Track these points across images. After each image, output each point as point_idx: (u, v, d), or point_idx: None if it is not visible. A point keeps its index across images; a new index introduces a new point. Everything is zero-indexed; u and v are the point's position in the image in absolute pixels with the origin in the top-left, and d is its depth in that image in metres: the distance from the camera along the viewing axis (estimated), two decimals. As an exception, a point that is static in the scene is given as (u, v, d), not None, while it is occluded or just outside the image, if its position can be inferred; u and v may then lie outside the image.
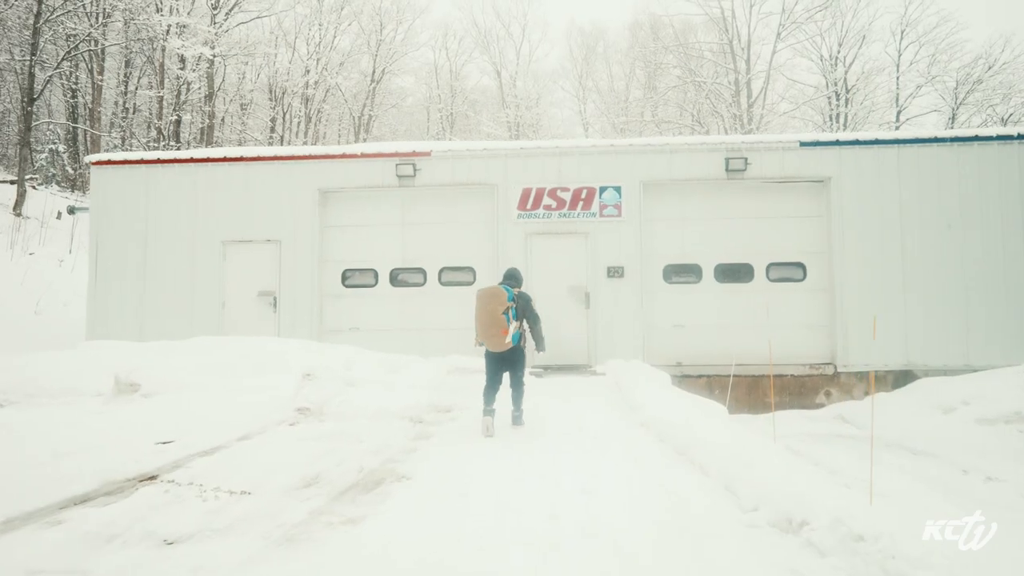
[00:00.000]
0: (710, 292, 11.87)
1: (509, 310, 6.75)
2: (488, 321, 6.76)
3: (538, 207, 11.90)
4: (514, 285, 7.07)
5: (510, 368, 7.11)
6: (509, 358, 7.01)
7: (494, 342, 6.84)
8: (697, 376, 11.56)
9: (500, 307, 6.69)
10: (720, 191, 11.93)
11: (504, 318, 6.69)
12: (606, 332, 11.61)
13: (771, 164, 11.64)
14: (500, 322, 6.69)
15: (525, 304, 6.98)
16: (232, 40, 31.72)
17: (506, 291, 6.82)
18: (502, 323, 6.69)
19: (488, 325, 6.78)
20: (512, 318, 6.80)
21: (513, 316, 6.81)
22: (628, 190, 11.82)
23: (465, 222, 12.23)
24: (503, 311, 6.70)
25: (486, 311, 6.78)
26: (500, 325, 6.69)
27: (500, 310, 6.70)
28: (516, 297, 6.90)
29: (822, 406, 11.30)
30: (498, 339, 6.78)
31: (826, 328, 11.63)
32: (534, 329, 7.03)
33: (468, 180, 12.04)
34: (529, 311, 7.00)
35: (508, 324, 6.71)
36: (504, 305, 6.70)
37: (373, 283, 12.31)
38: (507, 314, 6.72)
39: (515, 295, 6.91)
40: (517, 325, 6.88)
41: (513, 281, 7.12)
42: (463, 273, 12.25)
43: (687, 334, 11.83)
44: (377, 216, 12.34)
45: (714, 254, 11.91)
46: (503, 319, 6.69)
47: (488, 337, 6.85)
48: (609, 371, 10.81)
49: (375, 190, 12.22)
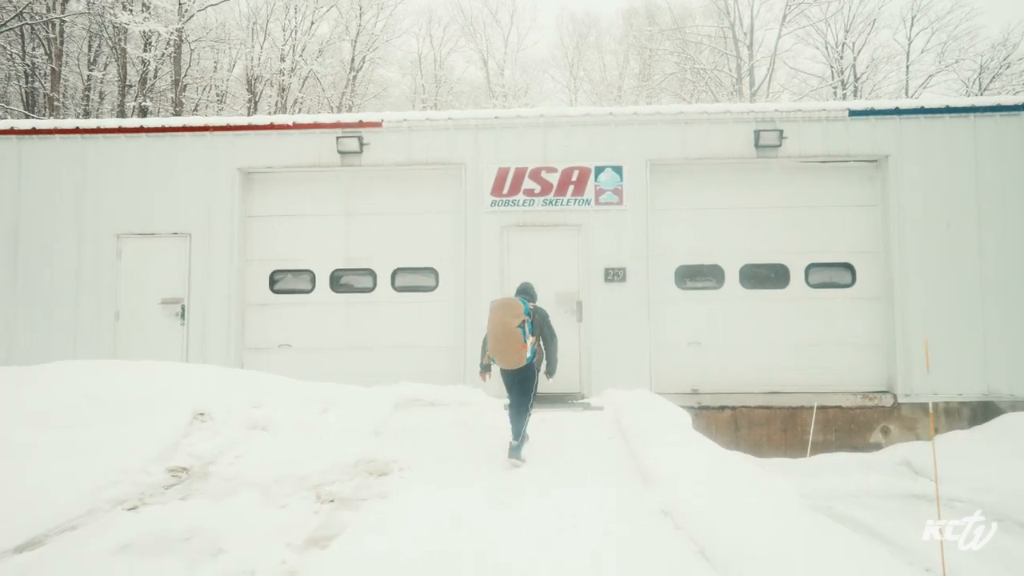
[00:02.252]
0: (734, 301, 9.39)
1: (525, 324, 6.21)
2: (502, 334, 6.19)
3: (517, 192, 9.38)
4: (528, 300, 6.55)
5: (518, 386, 6.47)
6: (519, 378, 6.42)
7: (508, 358, 6.24)
8: (718, 408, 9.08)
9: (515, 319, 6.16)
10: (747, 173, 9.46)
11: (520, 332, 6.17)
12: (603, 351, 9.11)
13: (812, 138, 9.18)
14: (515, 336, 6.15)
15: (542, 320, 6.52)
16: (201, 24, 29.17)
17: (522, 303, 6.29)
18: (517, 337, 6.16)
19: (501, 339, 6.20)
20: (528, 333, 6.25)
21: (529, 331, 6.27)
22: (631, 171, 9.33)
23: (425, 212, 9.69)
24: (518, 324, 6.16)
25: (500, 324, 6.20)
26: (515, 339, 6.15)
27: (515, 323, 6.15)
28: (532, 312, 6.40)
29: (878, 447, 8.84)
30: (513, 355, 6.19)
31: (882, 347, 9.17)
32: (549, 348, 6.56)
33: (429, 158, 9.51)
34: (546, 328, 6.54)
35: (524, 339, 6.17)
36: (520, 318, 6.18)
37: (309, 288, 9.75)
38: (523, 328, 6.19)
39: (531, 309, 6.38)
40: (534, 341, 6.37)
41: (527, 296, 6.65)
42: (423, 276, 9.71)
43: (705, 354, 9.35)
44: (315, 204, 9.78)
45: (739, 253, 9.44)
46: (519, 333, 6.16)
47: (500, 352, 6.25)
48: (608, 404, 8.31)
49: (312, 171, 9.67)
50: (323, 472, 6.16)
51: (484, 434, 7.28)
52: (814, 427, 8.93)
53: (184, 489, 5.69)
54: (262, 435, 7.08)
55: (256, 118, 9.72)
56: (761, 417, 9.01)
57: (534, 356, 6.42)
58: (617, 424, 7.59)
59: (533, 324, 6.41)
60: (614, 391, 8.59)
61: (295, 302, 9.71)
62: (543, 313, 6.59)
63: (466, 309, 9.33)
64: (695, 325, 9.39)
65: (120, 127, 9.60)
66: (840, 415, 8.95)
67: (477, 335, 9.12)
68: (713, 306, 9.40)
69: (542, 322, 6.54)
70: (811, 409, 8.94)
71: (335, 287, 9.74)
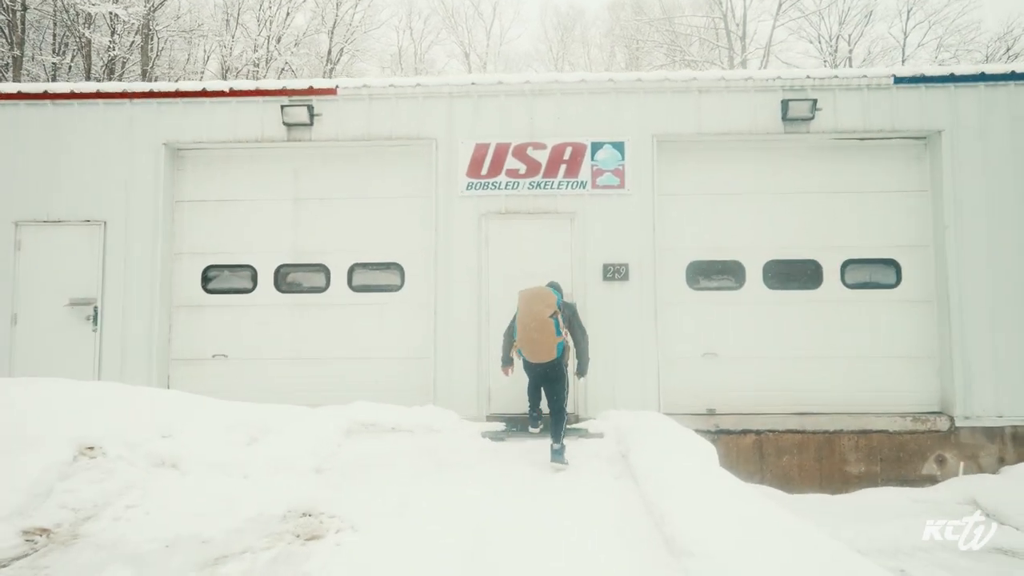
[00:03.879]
0: (757, 303, 7.88)
1: (557, 315, 5.94)
2: (533, 324, 5.91)
3: (498, 173, 7.83)
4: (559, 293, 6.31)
5: (548, 385, 6.19)
6: (550, 374, 6.12)
7: (537, 350, 5.94)
8: (740, 432, 7.54)
9: (548, 310, 5.89)
10: (773, 152, 7.96)
11: (552, 323, 5.87)
12: (602, 364, 7.56)
13: (850, 111, 7.70)
14: (548, 326, 5.87)
15: (572, 314, 6.32)
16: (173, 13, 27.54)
17: (555, 293, 6.08)
18: (550, 328, 5.88)
19: (532, 329, 5.91)
20: (562, 323, 6.02)
21: (563, 322, 6.07)
22: (635, 148, 7.81)
23: (389, 197, 8.12)
24: (551, 315, 5.88)
25: (531, 313, 5.93)
26: (548, 330, 5.87)
27: (547, 313, 5.88)
28: (562, 305, 6.17)
29: (933, 480, 7.33)
30: (543, 347, 5.91)
31: (934, 359, 7.67)
32: (580, 346, 6.31)
33: (393, 132, 7.94)
34: (576, 323, 6.32)
35: (556, 331, 5.90)
36: (552, 308, 5.91)
37: (250, 287, 8.14)
38: (555, 319, 5.90)
39: (561, 303, 6.17)
40: (567, 333, 6.14)
41: (558, 290, 6.39)
42: (386, 273, 8.13)
43: (723, 367, 7.82)
44: (257, 187, 8.18)
45: (763, 247, 7.93)
46: (551, 324, 5.87)
47: (529, 343, 5.95)
48: (610, 430, 6.76)
49: (253, 147, 8.08)
50: (235, 532, 4.64)
51: (456, 472, 5.72)
52: (855, 456, 7.42)
53: (31, 566, 4.09)
54: (169, 475, 5.54)
55: (185, 84, 8.11)
56: (791, 443, 7.48)
57: (564, 352, 6.04)
58: (623, 458, 6.04)
59: (564, 318, 6.10)
60: (616, 413, 7.05)
61: (233, 304, 8.09)
62: (573, 307, 6.37)
63: (436, 312, 7.76)
64: (710, 333, 7.87)
65: (19, 92, 7.96)
66: (886, 441, 7.44)
67: (449, 343, 7.55)
68: (732, 310, 7.88)
69: (572, 317, 6.27)
70: (851, 434, 7.43)
71: (281, 286, 8.13)
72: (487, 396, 7.70)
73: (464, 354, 7.71)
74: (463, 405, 7.61)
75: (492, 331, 7.72)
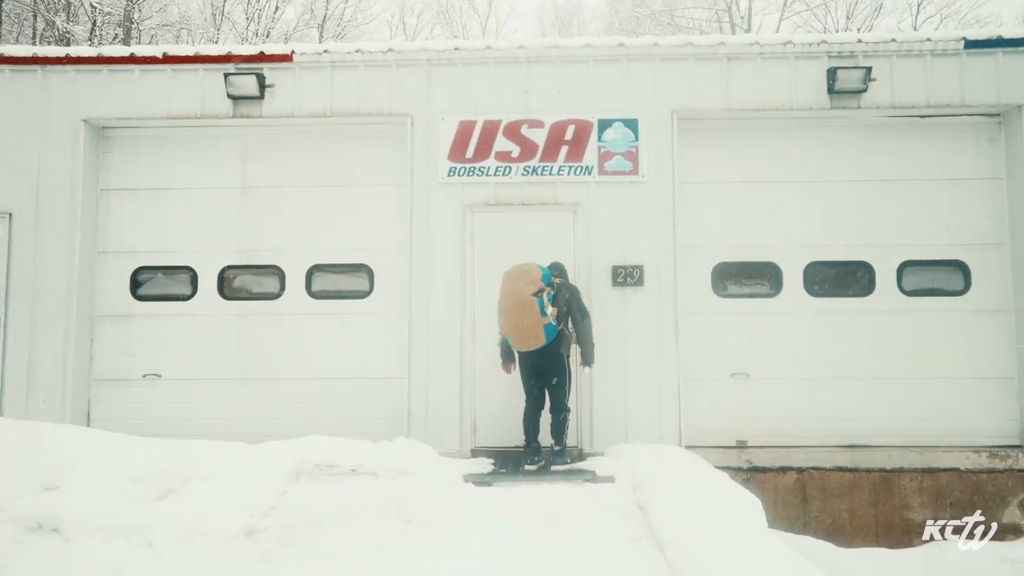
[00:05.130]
0: (796, 314, 6.55)
1: (544, 294, 5.23)
2: (512, 304, 5.21)
3: (486, 156, 6.51)
4: (557, 274, 5.62)
5: (544, 379, 5.49)
6: (544, 365, 5.42)
7: (520, 334, 5.24)
8: (778, 470, 6.21)
9: (529, 287, 5.18)
10: (817, 131, 6.65)
11: (535, 302, 5.15)
12: (611, 386, 6.23)
13: (910, 81, 6.39)
14: (529, 306, 5.14)
15: (571, 294, 5.51)
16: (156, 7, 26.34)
17: (541, 269, 5.37)
18: (532, 308, 5.14)
19: (511, 310, 5.22)
20: (548, 303, 5.26)
21: (549, 301, 5.28)
22: (650, 127, 6.50)
23: (356, 185, 6.78)
24: (534, 292, 5.17)
25: (511, 293, 5.24)
26: (529, 310, 5.14)
27: (529, 291, 5.17)
28: (558, 286, 5.46)
29: (1018, 531, 6.00)
30: (527, 331, 5.19)
31: (1013, 380, 6.35)
32: (579, 328, 5.47)
33: (361, 107, 6.62)
34: (575, 304, 5.49)
35: (542, 310, 5.16)
36: (536, 285, 5.21)
37: (188, 293, 6.79)
38: (540, 298, 5.16)
39: (555, 282, 5.47)
40: (555, 312, 5.32)
41: (557, 271, 5.68)
42: (351, 276, 6.79)
43: (756, 390, 6.49)
44: (197, 172, 6.84)
45: (803, 245, 6.61)
46: (534, 303, 5.14)
47: (511, 327, 5.28)
48: (622, 471, 5.40)
49: (194, 125, 6.75)
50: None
51: (427, 536, 4.43)
52: (919, 499, 6.09)
53: None
54: (47, 543, 4.26)
55: (110, 48, 6.75)
56: (840, 484, 6.15)
57: (557, 335, 5.36)
58: (642, 513, 4.70)
59: (556, 297, 5.39)
60: (629, 449, 5.71)
61: (169, 313, 6.74)
62: (572, 288, 5.62)
63: (411, 323, 6.42)
64: (741, 348, 6.54)
65: (-93, 57, 6.61)
66: (957, 482, 6.11)
67: (427, 361, 6.25)
68: (766, 321, 6.56)
69: (571, 297, 5.51)
70: (913, 473, 6.11)
71: (226, 292, 6.78)
72: (472, 425, 6.36)
73: (444, 374, 6.37)
74: (443, 437, 6.27)
75: (479, 346, 6.39)
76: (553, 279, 5.53)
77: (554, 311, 5.33)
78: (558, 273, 5.70)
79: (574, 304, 5.51)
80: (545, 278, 5.36)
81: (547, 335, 5.26)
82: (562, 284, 5.57)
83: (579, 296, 5.58)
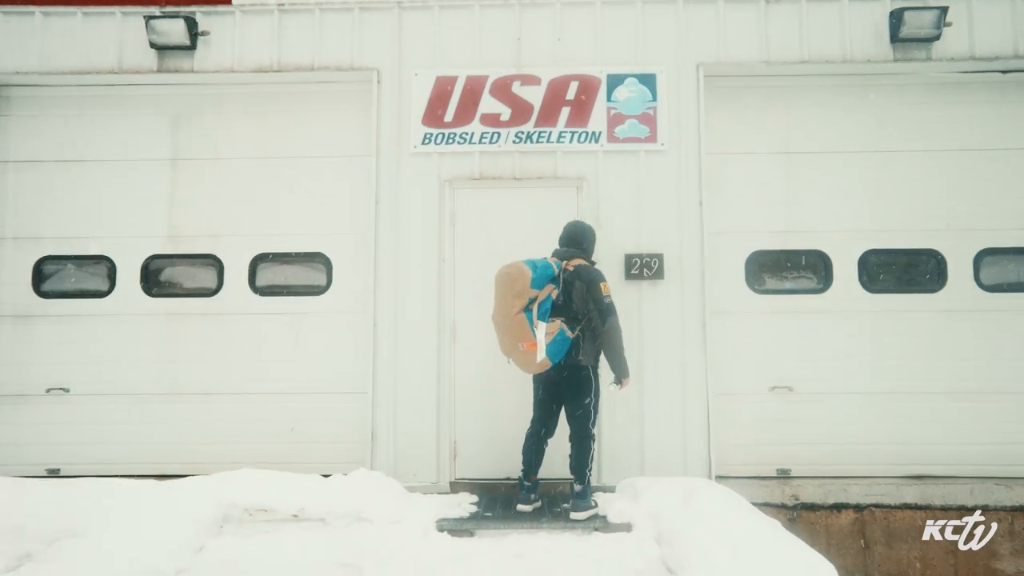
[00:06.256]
0: (850, 313, 5.33)
1: (537, 302, 3.95)
2: (501, 323, 4.01)
3: (470, 119, 5.28)
4: (567, 255, 4.23)
5: (561, 398, 4.23)
6: (560, 381, 4.14)
7: (519, 359, 4.05)
8: (830, 507, 5.00)
9: (516, 302, 3.89)
10: (875, 91, 5.42)
11: (523, 321, 3.91)
12: (625, 404, 5.01)
13: (993, 28, 5.20)
14: (517, 325, 3.90)
15: (587, 284, 4.08)
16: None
17: (529, 267, 3.96)
18: (520, 327, 3.91)
19: (502, 329, 4.02)
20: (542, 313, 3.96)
21: (544, 310, 3.97)
22: (672, 84, 5.29)
23: (311, 156, 5.54)
24: (522, 306, 3.91)
25: (499, 305, 4.01)
26: (517, 330, 3.92)
27: (516, 306, 3.89)
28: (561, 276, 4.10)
29: None
30: (525, 357, 3.99)
31: (1124, 398, 5.17)
32: (607, 333, 4.06)
33: (317, 61, 5.39)
34: (594, 296, 4.06)
35: (532, 327, 3.91)
36: (523, 296, 3.90)
37: (105, 289, 5.54)
38: (529, 312, 3.93)
39: (556, 271, 4.08)
40: (558, 325, 4.01)
41: (571, 245, 4.33)
42: (305, 268, 5.55)
43: (801, 407, 5.27)
44: (117, 141, 5.59)
45: (858, 230, 5.38)
46: (521, 324, 3.91)
47: (505, 349, 4.09)
48: (642, 520, 4.17)
49: (111, 83, 5.51)
50: None
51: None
52: (1010, 546, 4.89)
53: None
54: None
55: (5, -15, 5.50)
56: (909, 525, 4.94)
57: (574, 345, 4.09)
58: None
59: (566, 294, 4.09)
60: (648, 484, 4.50)
61: (80, 312, 5.49)
62: (589, 275, 4.15)
63: (377, 325, 5.20)
64: (782, 356, 5.33)
65: None
66: (1057, 523, 4.91)
67: (395, 372, 5.08)
68: (813, 323, 5.34)
69: (586, 289, 4.10)
70: (1001, 512, 4.90)
71: (151, 287, 5.54)
72: (451, 451, 5.14)
73: (417, 388, 5.15)
74: (414, 466, 5.07)
75: (460, 352, 5.18)
76: (563, 265, 4.18)
77: (556, 324, 4.02)
78: (572, 247, 4.34)
79: (592, 298, 4.09)
80: (542, 275, 4.02)
81: (555, 353, 4.01)
82: (577, 270, 4.17)
83: (599, 285, 4.12)
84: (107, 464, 5.25)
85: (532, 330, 3.94)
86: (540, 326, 3.94)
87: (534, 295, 3.97)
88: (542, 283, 4.01)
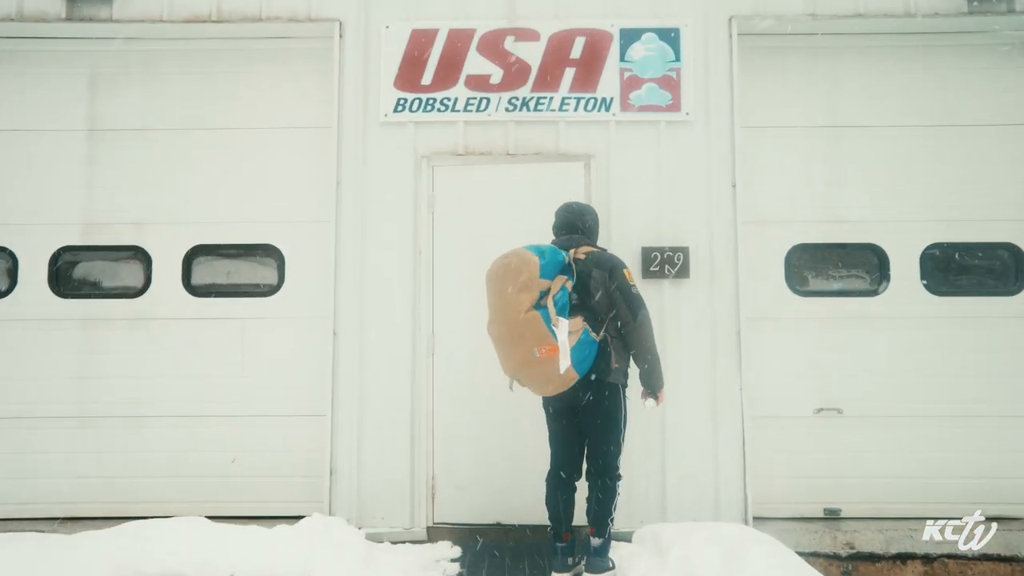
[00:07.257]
0: (910, 319, 4.43)
1: (551, 295, 2.99)
2: (503, 332, 3.08)
3: (453, 82, 4.32)
4: (571, 243, 3.29)
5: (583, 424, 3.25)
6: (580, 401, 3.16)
7: (528, 376, 3.10)
8: (892, 558, 4.08)
9: (523, 295, 2.93)
10: (941, 54, 4.53)
11: (539, 320, 2.94)
12: (644, 430, 4.07)
13: (1083, -24, 4.34)
14: (530, 332, 2.95)
15: (608, 272, 3.19)
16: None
17: (535, 255, 3.01)
18: (533, 326, 2.94)
19: (505, 341, 3.10)
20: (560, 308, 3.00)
21: (563, 304, 3.03)
22: (698, 40, 4.37)
23: (259, 128, 4.56)
24: (532, 301, 2.95)
25: (499, 308, 3.07)
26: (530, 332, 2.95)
27: (524, 302, 2.93)
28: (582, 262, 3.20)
29: None
30: (539, 374, 3.03)
31: None
32: (630, 332, 3.16)
33: (266, 10, 4.42)
34: (620, 285, 3.15)
35: (550, 329, 2.93)
36: (533, 290, 2.95)
37: (4, 288, 4.52)
38: (544, 309, 2.96)
39: (566, 260, 3.14)
40: (580, 323, 3.07)
41: (572, 231, 3.37)
42: (252, 263, 4.57)
43: (853, 433, 4.36)
44: (20, 108, 4.58)
45: (919, 220, 4.48)
46: (536, 324, 2.94)
47: (511, 366, 3.14)
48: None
49: (11, 35, 4.51)
50: None
51: None
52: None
53: None
54: None
55: None
56: (990, 579, 4.05)
57: (599, 353, 3.10)
58: None
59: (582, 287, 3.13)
60: (675, 535, 3.52)
61: (-26, 318, 4.47)
62: (610, 261, 3.23)
63: (339, 332, 4.22)
64: (829, 371, 4.41)
65: None
66: None
67: (360, 390, 4.08)
68: (866, 330, 4.43)
69: (607, 280, 3.14)
70: (1100, 562, 4.02)
71: (63, 286, 4.52)
72: (428, 488, 4.17)
73: (387, 410, 4.18)
74: (383, 507, 4.11)
75: (439, 367, 4.22)
76: (571, 253, 3.23)
77: (576, 324, 3.06)
78: (577, 233, 3.39)
79: (618, 289, 3.16)
80: (551, 262, 3.08)
81: (580, 360, 3.03)
82: (590, 257, 3.25)
83: (622, 272, 3.23)
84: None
85: (551, 330, 2.95)
86: (561, 323, 2.96)
87: (545, 286, 2.99)
88: (552, 272, 3.05)
